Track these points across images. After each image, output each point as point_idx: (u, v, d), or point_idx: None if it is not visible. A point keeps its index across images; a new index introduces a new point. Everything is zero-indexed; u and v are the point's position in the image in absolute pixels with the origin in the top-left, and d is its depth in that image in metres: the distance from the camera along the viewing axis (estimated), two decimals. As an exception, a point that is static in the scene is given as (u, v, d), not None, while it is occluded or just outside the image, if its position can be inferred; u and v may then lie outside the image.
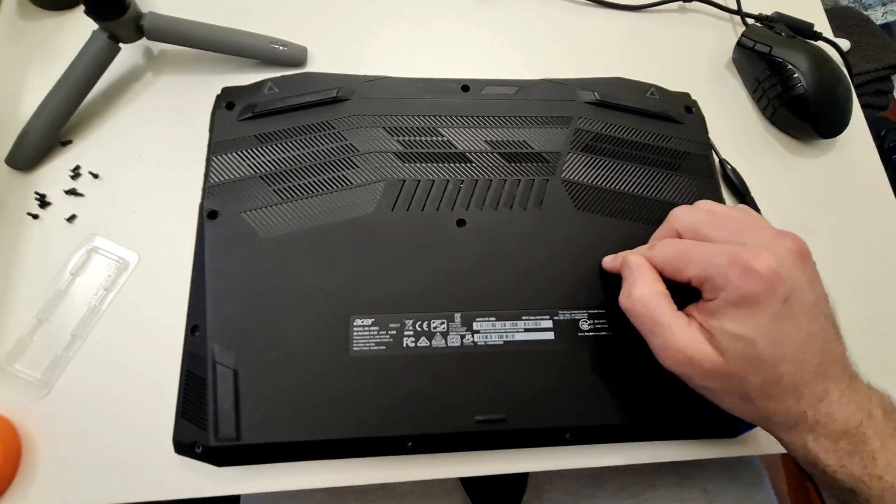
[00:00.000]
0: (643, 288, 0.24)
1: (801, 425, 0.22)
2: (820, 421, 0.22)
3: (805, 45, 0.36)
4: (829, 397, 0.22)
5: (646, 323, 0.24)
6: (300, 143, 0.31)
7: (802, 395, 0.22)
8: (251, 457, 0.25)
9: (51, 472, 0.26)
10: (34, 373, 0.27)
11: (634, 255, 0.26)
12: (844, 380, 0.22)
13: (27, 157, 0.31)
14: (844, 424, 0.22)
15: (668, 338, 0.23)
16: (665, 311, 0.24)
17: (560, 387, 0.27)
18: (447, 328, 0.27)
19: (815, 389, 0.22)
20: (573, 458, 0.28)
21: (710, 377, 0.23)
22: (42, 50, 0.34)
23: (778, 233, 0.23)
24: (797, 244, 0.23)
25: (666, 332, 0.23)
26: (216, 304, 0.27)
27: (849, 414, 0.22)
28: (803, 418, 0.22)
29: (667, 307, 0.24)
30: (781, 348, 0.21)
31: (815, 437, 0.22)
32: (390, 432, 0.26)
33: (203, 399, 0.25)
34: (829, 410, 0.22)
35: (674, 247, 0.25)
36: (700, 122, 0.35)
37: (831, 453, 0.22)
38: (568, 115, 0.33)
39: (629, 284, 0.25)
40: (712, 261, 0.22)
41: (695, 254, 0.23)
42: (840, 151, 0.37)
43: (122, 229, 0.30)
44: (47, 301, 0.28)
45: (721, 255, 0.22)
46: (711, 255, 0.23)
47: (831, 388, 0.22)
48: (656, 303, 0.24)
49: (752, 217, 0.25)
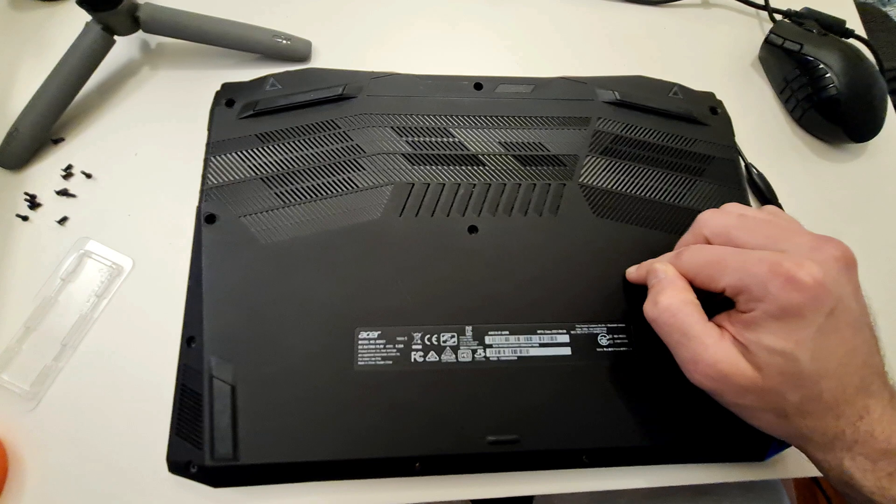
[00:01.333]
0: (671, 296, 0.23)
1: (838, 444, 0.21)
2: (859, 440, 0.20)
3: (838, 43, 0.34)
4: (870, 415, 0.20)
5: (673, 334, 0.22)
6: (303, 144, 0.29)
7: (843, 413, 0.20)
8: (249, 477, 0.24)
9: (39, 489, 0.24)
10: (22, 384, 0.26)
11: (661, 262, 0.25)
12: (885, 396, 0.21)
13: (17, 156, 0.29)
14: (886, 444, 0.20)
15: (698, 351, 0.22)
16: (696, 322, 0.22)
17: (577, 406, 0.25)
18: (458, 342, 0.26)
19: (855, 406, 0.20)
20: (590, 480, 0.26)
21: (745, 393, 0.21)
22: (33, 42, 0.33)
23: (819, 238, 0.22)
24: (842, 250, 0.21)
25: (696, 345, 0.22)
26: (213, 314, 0.25)
27: (891, 433, 0.20)
28: (841, 437, 0.21)
29: (697, 317, 0.22)
30: (824, 363, 0.20)
31: (853, 457, 0.20)
32: (397, 453, 0.24)
33: (199, 416, 0.24)
34: (868, 429, 0.20)
35: (705, 253, 0.23)
36: (726, 124, 0.33)
37: (870, 473, 0.20)
38: (586, 115, 0.31)
39: (655, 292, 0.23)
40: (750, 269, 0.21)
41: (730, 261, 0.22)
42: (872, 156, 0.35)
43: (115, 232, 0.29)
44: (36, 308, 0.27)
45: (760, 263, 0.21)
46: (749, 263, 0.21)
47: (872, 404, 0.21)
48: (686, 312, 0.22)
49: (786, 221, 0.23)
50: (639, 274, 0.26)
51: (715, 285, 0.22)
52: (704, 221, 0.24)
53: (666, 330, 0.23)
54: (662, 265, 0.24)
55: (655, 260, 0.25)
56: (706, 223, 0.24)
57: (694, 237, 0.25)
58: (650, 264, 0.25)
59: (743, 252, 0.22)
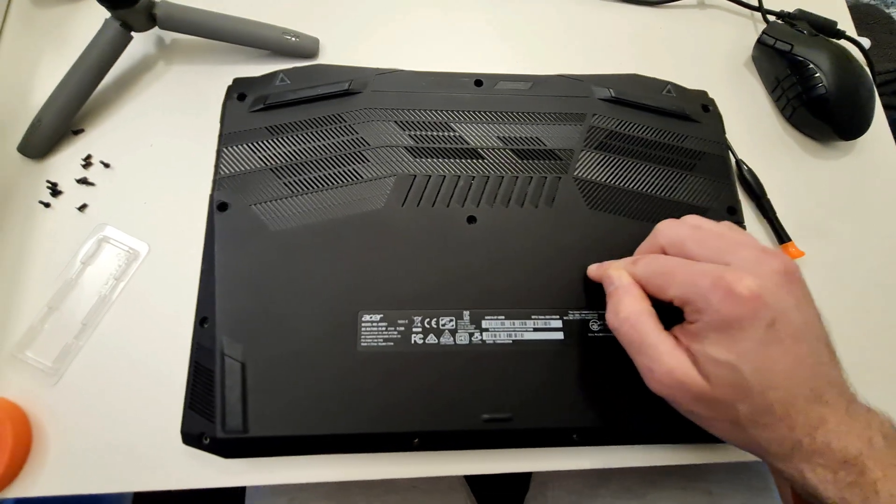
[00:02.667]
0: (629, 306, 0.23)
1: (796, 455, 0.21)
2: (816, 450, 0.20)
3: (827, 43, 0.35)
4: (826, 425, 0.20)
5: (633, 343, 0.23)
6: (311, 136, 0.30)
7: (796, 424, 0.21)
8: (257, 449, 0.25)
9: (60, 458, 0.26)
10: (45, 360, 0.27)
11: (617, 269, 0.25)
12: (842, 405, 0.21)
13: (39, 146, 0.31)
14: (843, 454, 0.20)
15: (654, 358, 0.22)
16: (651, 330, 0.23)
17: (568, 387, 0.27)
18: (456, 326, 0.27)
19: (809, 417, 0.21)
20: (579, 458, 0.27)
21: (698, 402, 0.22)
22: (55, 38, 0.34)
23: (763, 252, 0.22)
24: (783, 264, 0.22)
25: (653, 353, 0.22)
26: (225, 296, 0.27)
27: (847, 443, 0.20)
28: (798, 447, 0.21)
29: (653, 326, 0.23)
30: (769, 375, 0.20)
31: (813, 468, 0.20)
32: (396, 428, 0.26)
33: (211, 391, 0.25)
34: (825, 439, 0.20)
35: (657, 264, 0.24)
36: (717, 122, 0.34)
37: (830, 485, 0.20)
38: (582, 111, 0.33)
39: (615, 303, 0.24)
40: (695, 281, 0.22)
41: (678, 272, 0.23)
42: (860, 154, 0.36)
43: (132, 219, 0.30)
44: (58, 290, 0.28)
45: (703, 275, 0.21)
46: (694, 276, 0.22)
47: (827, 414, 0.21)
48: (642, 321, 0.23)
49: (738, 234, 0.24)
50: (598, 273, 0.27)
51: (664, 295, 0.23)
52: (662, 231, 0.25)
53: (626, 339, 0.24)
54: (618, 272, 0.25)
55: (612, 265, 0.26)
56: (663, 233, 0.25)
57: (650, 246, 0.26)
58: (607, 268, 0.26)
59: (691, 264, 0.23)
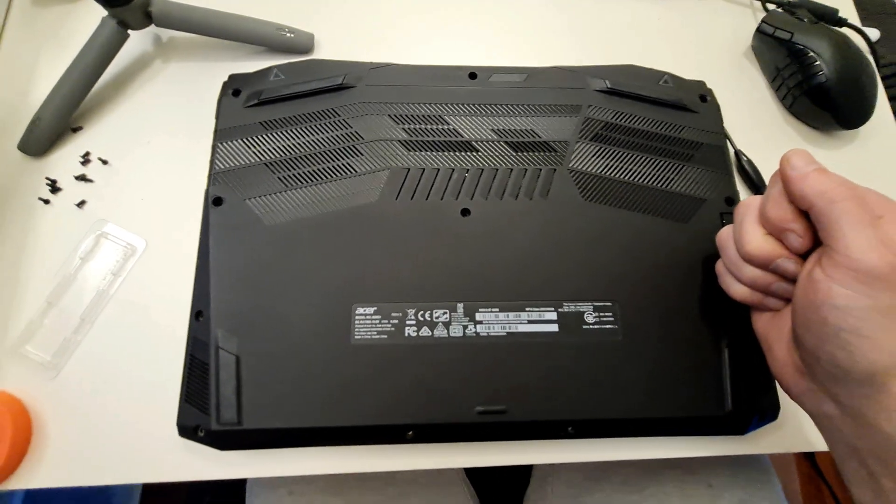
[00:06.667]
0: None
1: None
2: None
3: (828, 31, 0.34)
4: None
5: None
6: (305, 131, 0.30)
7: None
8: (252, 441, 0.26)
9: (60, 451, 0.26)
10: (44, 354, 0.28)
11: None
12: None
13: (39, 143, 0.31)
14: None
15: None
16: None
17: (563, 379, 0.27)
18: (450, 318, 0.27)
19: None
20: (575, 451, 0.27)
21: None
22: (54, 36, 0.35)
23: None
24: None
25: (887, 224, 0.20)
26: (220, 290, 0.27)
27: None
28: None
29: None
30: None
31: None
32: (391, 421, 0.26)
33: (206, 383, 0.26)
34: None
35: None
36: (715, 112, 0.33)
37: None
38: (577, 103, 0.32)
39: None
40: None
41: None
42: (863, 143, 0.36)
43: (130, 215, 0.30)
44: (57, 285, 0.29)
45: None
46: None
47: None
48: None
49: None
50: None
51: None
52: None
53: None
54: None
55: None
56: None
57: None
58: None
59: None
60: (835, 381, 0.21)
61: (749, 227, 0.23)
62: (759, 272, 0.23)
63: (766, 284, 0.24)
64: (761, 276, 0.23)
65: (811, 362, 0.21)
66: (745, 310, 0.26)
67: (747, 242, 0.23)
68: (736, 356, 0.27)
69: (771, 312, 0.24)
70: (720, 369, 0.27)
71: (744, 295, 0.25)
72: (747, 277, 0.24)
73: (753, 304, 0.25)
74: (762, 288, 0.24)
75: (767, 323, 0.25)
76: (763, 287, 0.24)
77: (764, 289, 0.24)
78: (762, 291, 0.24)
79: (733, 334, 0.28)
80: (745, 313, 0.26)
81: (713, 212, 0.30)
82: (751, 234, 0.23)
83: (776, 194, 0.23)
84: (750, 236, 0.23)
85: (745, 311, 0.26)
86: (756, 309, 0.25)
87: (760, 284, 0.24)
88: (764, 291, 0.24)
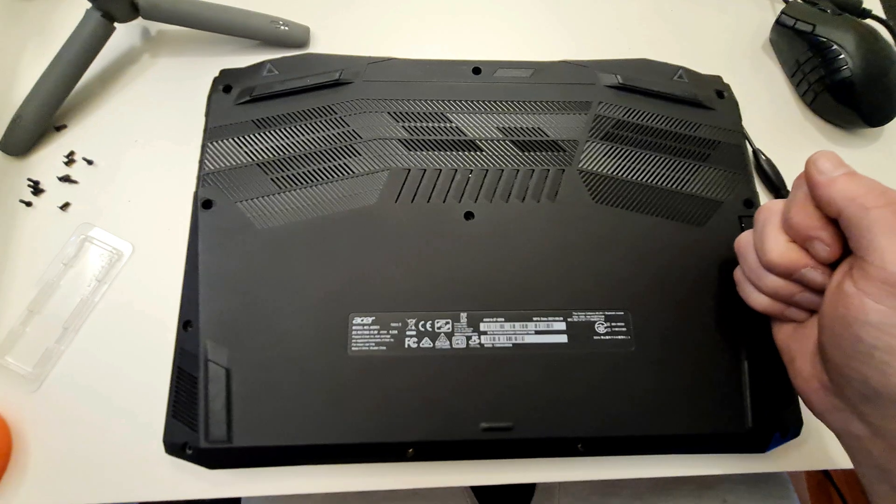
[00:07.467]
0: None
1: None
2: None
3: (853, 22, 0.32)
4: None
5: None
6: (300, 129, 0.29)
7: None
8: (243, 460, 0.24)
9: (41, 468, 0.25)
10: (25, 366, 0.26)
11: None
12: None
13: (20, 143, 0.30)
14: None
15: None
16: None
17: (573, 394, 0.25)
18: (452, 328, 0.26)
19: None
20: (585, 469, 0.26)
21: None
22: (37, 30, 0.33)
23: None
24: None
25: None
26: (209, 298, 0.26)
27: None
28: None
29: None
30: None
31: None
32: (390, 438, 0.24)
33: (194, 398, 0.24)
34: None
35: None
36: (733, 108, 0.32)
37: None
38: (587, 99, 0.31)
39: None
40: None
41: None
42: (888, 141, 0.34)
43: (116, 218, 0.29)
44: (39, 292, 0.27)
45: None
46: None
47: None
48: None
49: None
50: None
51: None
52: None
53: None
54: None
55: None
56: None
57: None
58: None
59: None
60: (865, 401, 0.19)
61: (771, 233, 0.22)
62: (781, 282, 0.22)
63: (789, 295, 0.22)
64: (784, 286, 0.22)
65: (839, 380, 0.20)
66: (765, 320, 0.24)
67: (770, 250, 0.22)
68: (756, 369, 0.26)
69: (793, 324, 0.23)
70: (740, 383, 0.26)
71: (764, 305, 0.23)
72: (769, 287, 0.22)
73: (774, 315, 0.23)
74: (784, 298, 0.22)
75: (789, 335, 0.23)
76: (785, 297, 0.22)
77: (786, 299, 0.22)
78: (784, 302, 0.23)
79: (753, 346, 0.26)
80: (765, 323, 0.24)
81: (731, 215, 0.29)
82: (773, 242, 0.22)
83: (801, 199, 0.21)
84: (772, 244, 0.22)
85: (766, 321, 0.24)
86: (777, 320, 0.24)
87: (783, 295, 0.22)
88: (786, 302, 0.22)
